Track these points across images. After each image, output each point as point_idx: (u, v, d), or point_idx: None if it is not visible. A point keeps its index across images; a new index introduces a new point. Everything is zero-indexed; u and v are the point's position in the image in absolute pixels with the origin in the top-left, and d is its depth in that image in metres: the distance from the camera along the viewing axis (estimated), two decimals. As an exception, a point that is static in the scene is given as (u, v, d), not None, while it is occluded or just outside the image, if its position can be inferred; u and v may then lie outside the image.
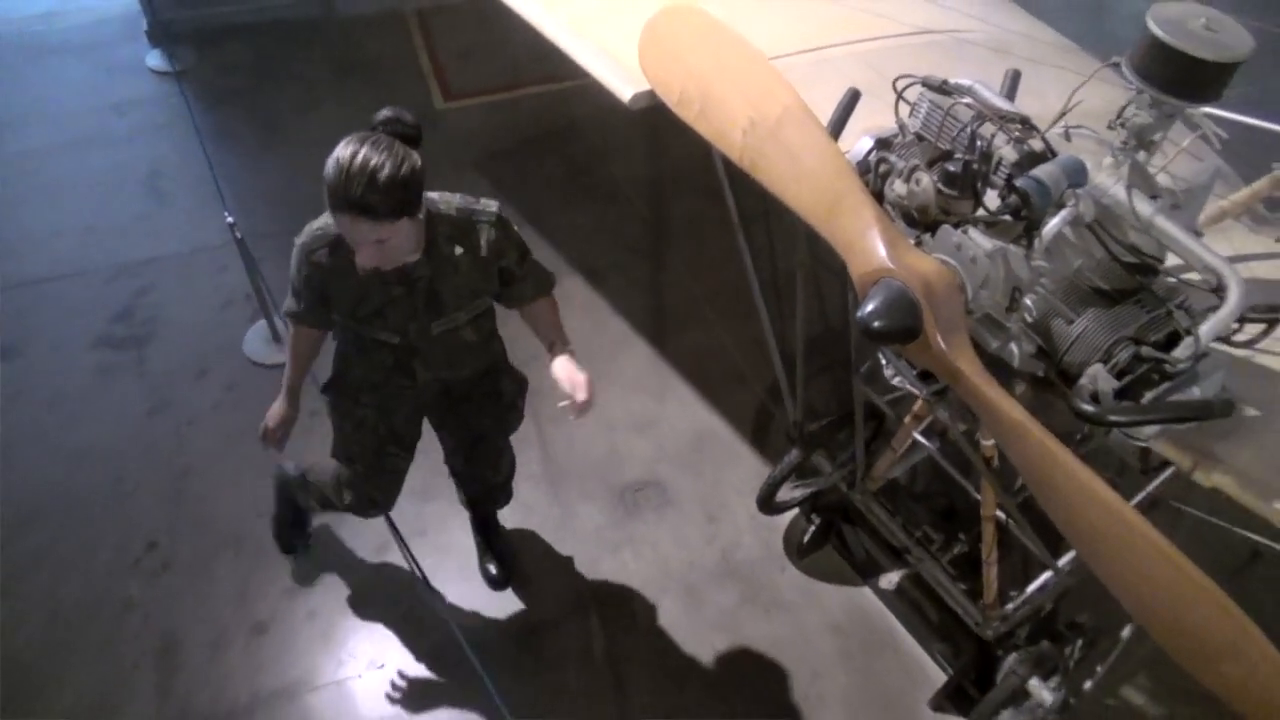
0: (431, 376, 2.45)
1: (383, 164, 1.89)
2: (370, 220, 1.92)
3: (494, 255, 2.26)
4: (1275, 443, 1.70)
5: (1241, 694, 1.31)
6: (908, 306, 1.47)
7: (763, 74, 1.70)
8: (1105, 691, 3.07)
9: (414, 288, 2.22)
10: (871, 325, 1.48)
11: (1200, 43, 1.42)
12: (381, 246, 2.01)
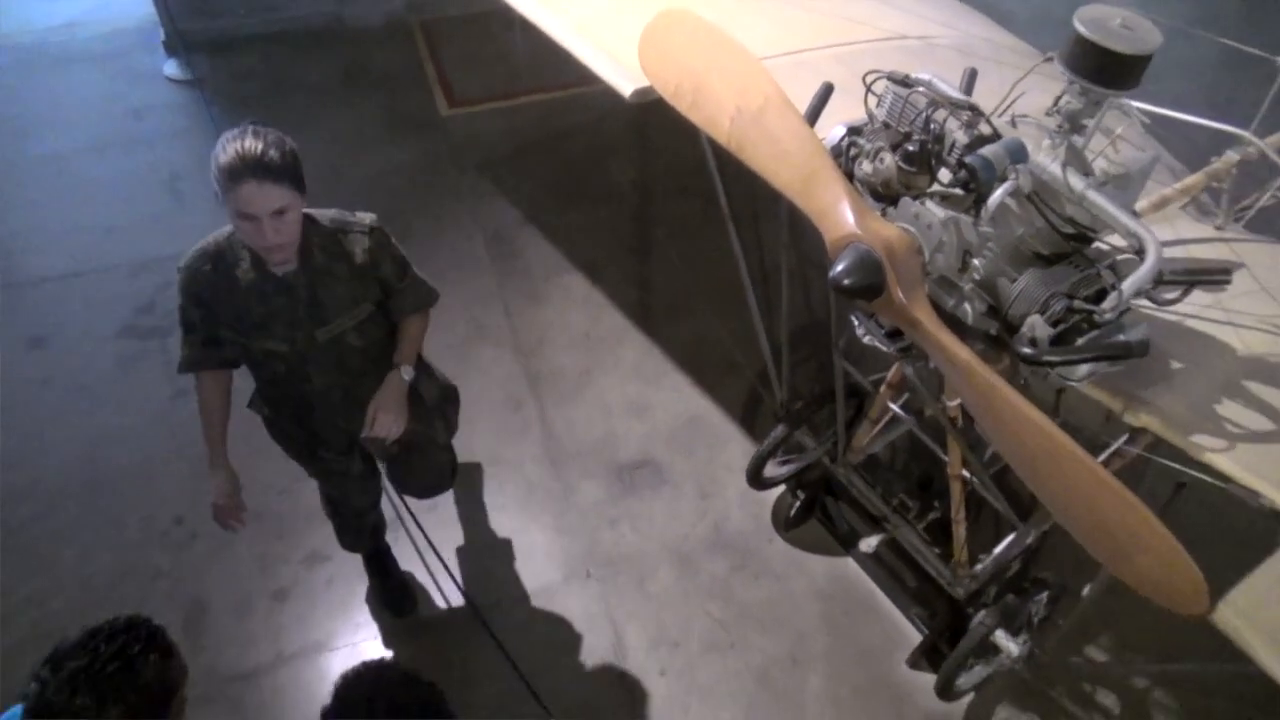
0: (329, 383, 2.47)
1: (275, 136, 2.09)
2: (273, 183, 2.04)
3: (370, 264, 2.34)
4: (1195, 390, 1.94)
5: (1153, 581, 1.54)
6: (873, 266, 1.71)
7: (748, 69, 1.95)
8: (1069, 648, 3.30)
9: (294, 296, 2.29)
10: (842, 282, 1.72)
11: (1117, 38, 1.67)
12: (281, 220, 2.10)
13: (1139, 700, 3.23)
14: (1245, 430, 1.84)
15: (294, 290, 2.29)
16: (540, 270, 4.55)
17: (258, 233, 2.12)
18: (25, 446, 3.74)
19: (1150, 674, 3.28)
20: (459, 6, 5.97)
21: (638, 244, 4.73)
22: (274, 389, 2.56)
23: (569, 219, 4.81)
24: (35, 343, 4.14)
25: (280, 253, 2.20)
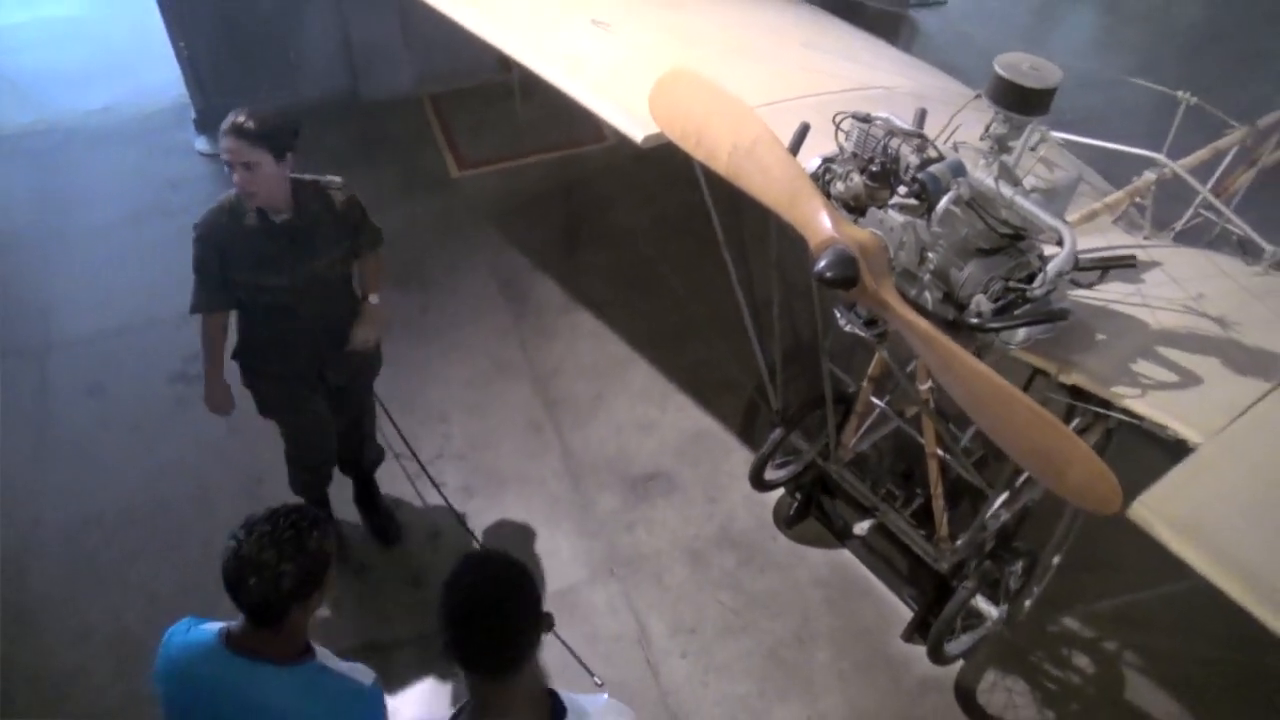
0: (313, 314, 3.10)
1: (260, 111, 2.76)
2: (247, 143, 2.70)
3: (345, 210, 3.06)
4: (1116, 355, 2.38)
5: (1080, 490, 1.96)
6: (849, 261, 2.15)
7: (741, 113, 2.42)
8: (1046, 618, 3.69)
9: (291, 238, 2.94)
10: (825, 274, 2.16)
11: (1027, 77, 2.15)
12: (250, 172, 2.75)
13: (1109, 661, 3.61)
14: (1155, 381, 2.28)
15: (290, 233, 2.95)
16: (551, 309, 5.00)
17: (242, 181, 2.79)
18: (91, 481, 4.11)
19: (1118, 639, 3.67)
20: (463, 80, 6.52)
21: (639, 281, 5.19)
22: (266, 327, 3.14)
23: (575, 262, 5.28)
24: (93, 391, 4.53)
25: (252, 200, 2.85)
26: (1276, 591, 1.81)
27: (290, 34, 6.04)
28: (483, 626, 1.66)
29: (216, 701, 1.95)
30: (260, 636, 1.93)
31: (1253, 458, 2.10)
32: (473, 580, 1.72)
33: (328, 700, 1.97)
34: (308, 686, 1.97)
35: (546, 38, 3.31)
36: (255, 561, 1.83)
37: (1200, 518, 1.92)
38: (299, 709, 1.95)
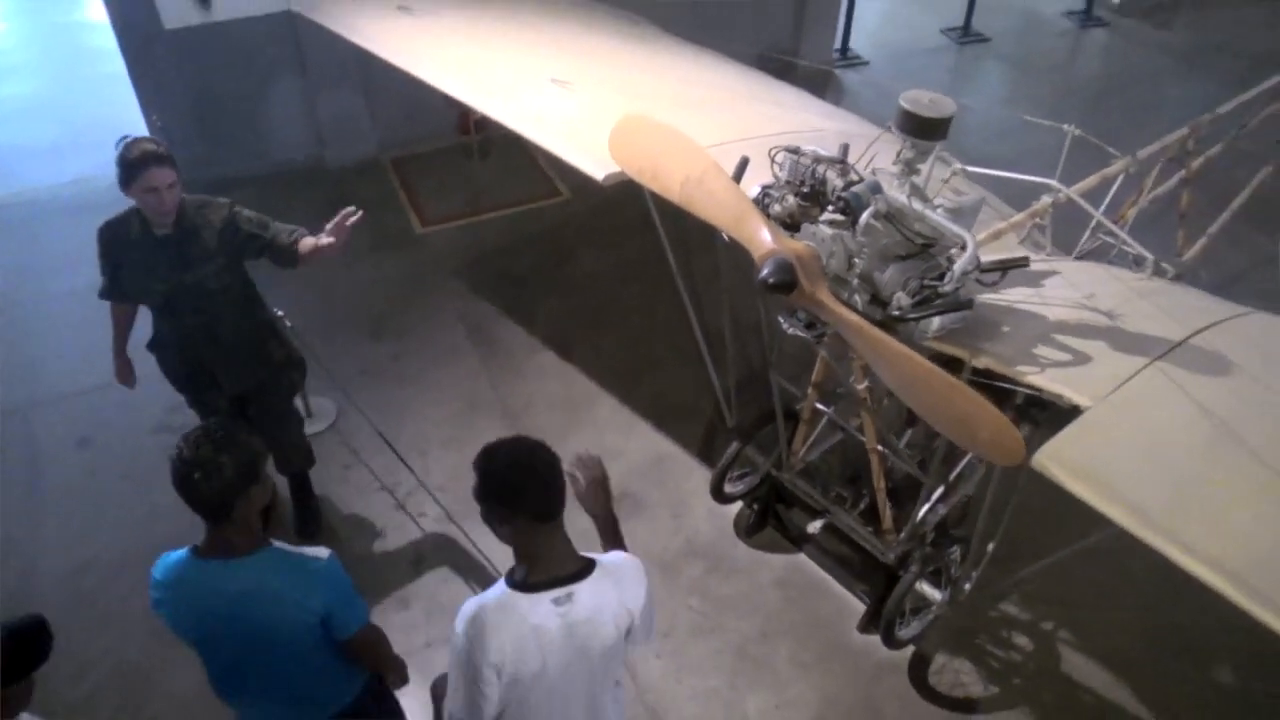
0: (193, 320, 3.51)
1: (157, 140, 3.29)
2: (169, 167, 3.16)
3: (228, 223, 3.41)
4: (1017, 342, 2.78)
5: (990, 446, 2.34)
6: (788, 267, 2.53)
7: (691, 149, 2.81)
8: (986, 605, 4.04)
9: (168, 250, 3.33)
10: (768, 280, 2.53)
11: (926, 109, 2.58)
12: (171, 191, 3.18)
13: (1045, 638, 3.96)
14: (1051, 361, 2.68)
15: (168, 246, 3.35)
16: (519, 351, 5.33)
17: (159, 201, 3.19)
18: (84, 527, 4.29)
19: (1052, 619, 4.03)
20: (423, 144, 6.92)
21: (601, 322, 5.55)
22: (160, 325, 3.63)
23: (539, 308, 5.62)
24: (81, 444, 4.72)
25: (167, 215, 3.27)
26: (1154, 519, 2.18)
27: (259, 107, 6.40)
28: (534, 475, 2.13)
29: (202, 601, 2.33)
30: (219, 537, 2.30)
31: (1132, 416, 2.49)
32: (514, 448, 2.17)
33: (289, 574, 2.34)
34: (269, 566, 2.33)
35: (514, 97, 3.71)
36: (197, 459, 2.19)
37: (1090, 464, 2.30)
38: (267, 586, 2.31)
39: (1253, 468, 2.34)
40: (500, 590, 2.16)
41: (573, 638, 2.16)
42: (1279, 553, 2.15)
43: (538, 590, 2.14)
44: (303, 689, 2.53)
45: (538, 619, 2.12)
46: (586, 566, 2.21)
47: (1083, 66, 8.95)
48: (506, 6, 4.94)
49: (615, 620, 2.21)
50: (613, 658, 2.28)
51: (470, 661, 2.11)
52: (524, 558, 2.18)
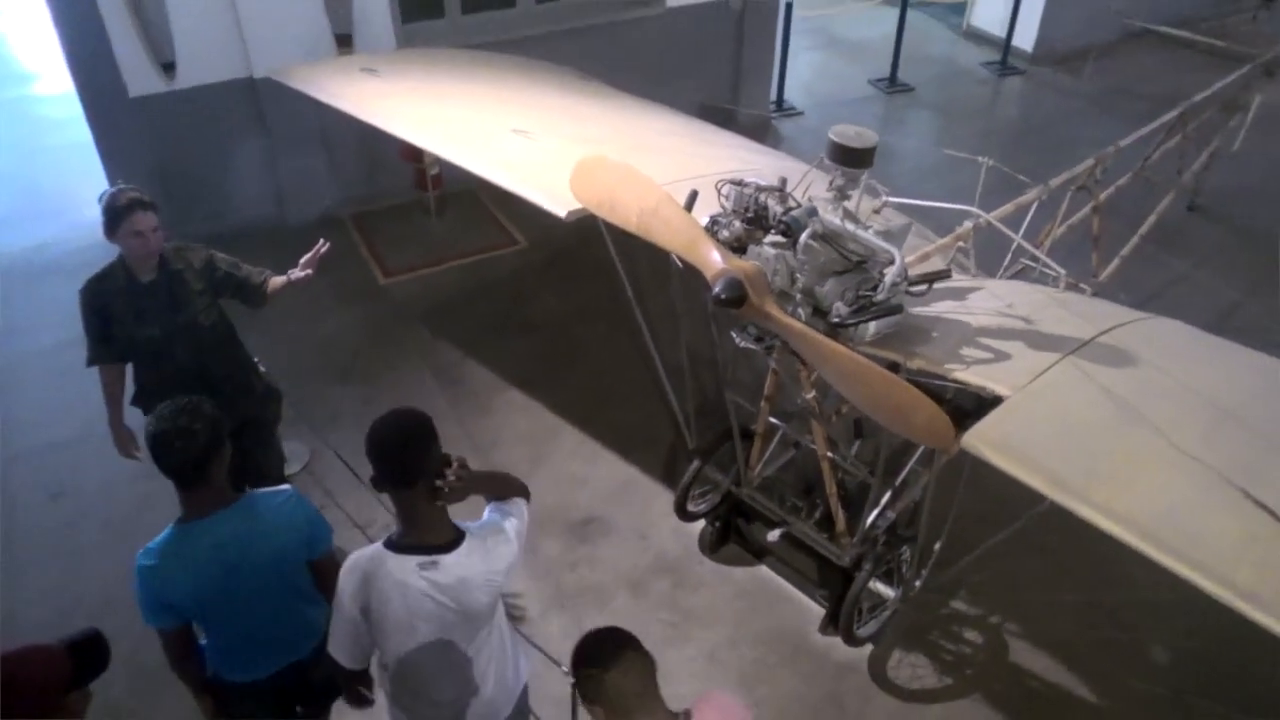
0: (187, 359, 3.65)
1: (139, 188, 3.46)
2: (153, 212, 3.38)
3: (206, 268, 3.66)
4: (945, 345, 3.10)
5: (924, 432, 2.63)
6: (737, 284, 2.82)
7: (645, 184, 3.10)
8: (938, 604, 4.31)
9: (156, 294, 3.54)
10: (720, 296, 2.82)
11: (852, 140, 2.92)
12: (156, 235, 3.40)
13: (994, 632, 4.24)
14: (975, 359, 3.00)
15: (156, 291, 3.56)
16: (484, 390, 5.55)
17: (144, 244, 3.41)
18: (64, 576, 4.38)
19: (999, 613, 4.31)
20: (382, 201, 7.17)
21: (562, 361, 5.80)
22: (150, 374, 3.73)
23: (502, 349, 5.86)
24: (57, 496, 4.81)
25: (152, 258, 3.48)
26: (1069, 485, 2.48)
27: (222, 169, 6.61)
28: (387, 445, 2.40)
29: (199, 560, 2.59)
30: (196, 499, 2.58)
31: (1047, 402, 2.81)
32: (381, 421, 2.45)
33: (267, 513, 2.69)
34: (248, 512, 2.65)
35: (478, 146, 3.99)
36: (172, 430, 2.47)
37: (1011, 442, 2.60)
38: (251, 529, 2.64)
39: (1154, 440, 2.66)
40: (377, 546, 2.49)
41: (440, 599, 2.44)
42: (1177, 509, 2.45)
43: (406, 552, 2.44)
44: (292, 619, 2.84)
45: (403, 576, 2.42)
46: (456, 539, 2.49)
47: (1001, 111, 9.56)
48: (464, 69, 5.27)
49: (484, 586, 2.51)
50: (485, 615, 2.58)
51: (342, 603, 2.47)
52: (401, 521, 2.48)
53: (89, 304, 3.59)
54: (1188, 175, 6.41)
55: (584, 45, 7.08)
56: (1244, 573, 2.24)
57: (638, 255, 4.48)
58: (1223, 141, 6.94)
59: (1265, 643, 4.02)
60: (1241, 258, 6.98)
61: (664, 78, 7.29)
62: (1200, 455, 2.60)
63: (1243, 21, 11.19)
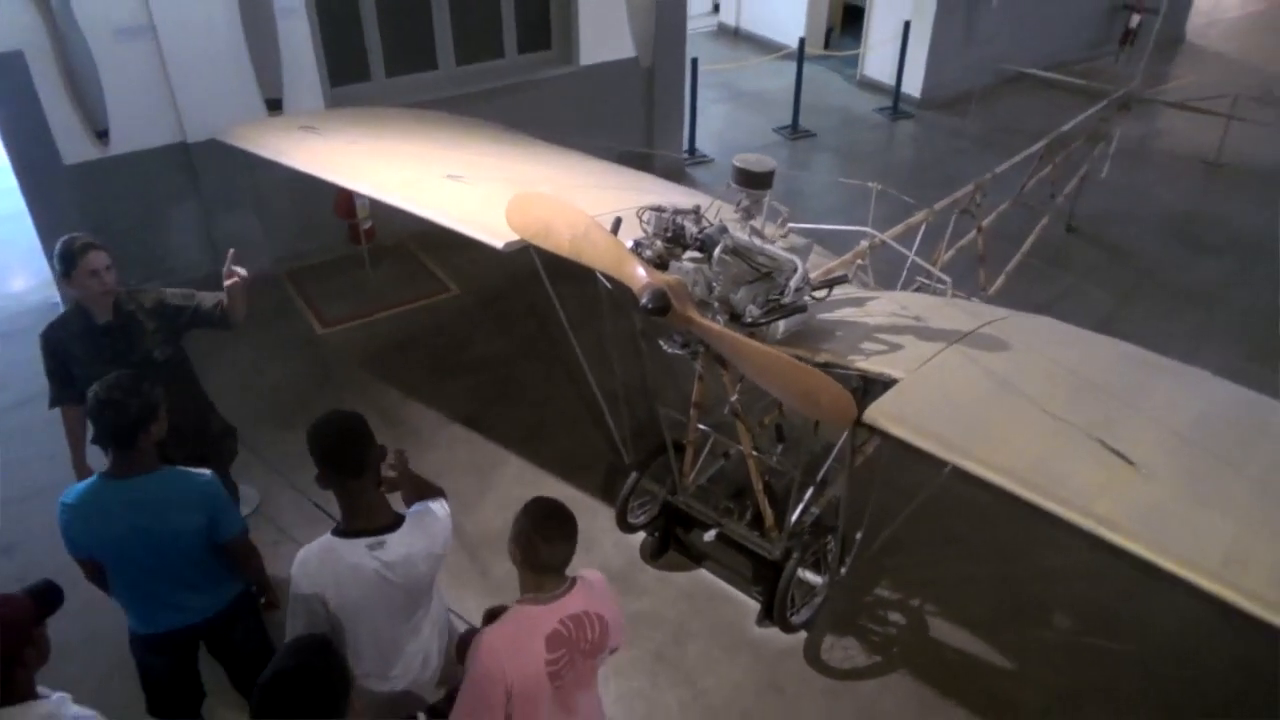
0: None
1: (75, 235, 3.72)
2: (106, 252, 3.63)
3: (158, 303, 3.88)
4: (847, 341, 3.52)
5: (830, 411, 3.01)
6: (661, 294, 3.19)
7: (574, 212, 3.48)
8: (864, 592, 4.68)
9: (112, 335, 3.76)
10: (647, 306, 3.19)
11: (754, 165, 3.35)
12: (110, 273, 3.63)
13: (915, 613, 4.62)
14: (874, 351, 3.42)
15: (111, 331, 3.78)
16: (426, 428, 5.79)
17: (100, 282, 3.64)
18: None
19: (919, 596, 4.70)
20: (316, 257, 7.41)
21: (501, 397, 6.08)
22: None
23: (441, 390, 6.12)
24: (5, 551, 4.87)
25: (108, 296, 3.70)
26: (954, 445, 2.88)
27: (156, 231, 6.78)
28: (326, 438, 2.73)
29: (110, 513, 2.94)
30: (123, 460, 2.94)
31: (935, 381, 3.23)
32: (321, 418, 2.79)
33: (180, 486, 3.04)
34: (165, 482, 3.01)
35: (417, 191, 4.33)
36: (110, 400, 2.88)
37: (904, 414, 3.01)
38: (164, 495, 2.99)
39: (1026, 406, 3.10)
40: (325, 538, 2.76)
41: (388, 576, 2.73)
42: (1046, 459, 2.87)
43: (354, 537, 2.72)
44: (186, 588, 3.15)
45: (354, 559, 2.70)
46: (397, 521, 2.80)
47: (896, 152, 10.29)
48: (397, 124, 5.62)
49: (426, 561, 2.82)
50: (425, 590, 2.91)
51: (300, 595, 2.70)
52: (344, 510, 2.77)
53: (49, 348, 3.80)
54: (1060, 199, 7.08)
55: (505, 104, 7.50)
56: (1101, 504, 2.66)
57: (567, 295, 4.84)
58: (1091, 168, 7.68)
59: (1159, 595, 4.50)
60: (1114, 272, 7.70)
61: (583, 131, 7.74)
62: (1065, 416, 3.05)
63: (1107, 65, 12.29)
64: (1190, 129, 10.44)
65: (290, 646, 2.32)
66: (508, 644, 2.55)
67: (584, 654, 2.67)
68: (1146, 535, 2.56)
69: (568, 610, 2.63)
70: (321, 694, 2.19)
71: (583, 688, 2.78)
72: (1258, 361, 6.36)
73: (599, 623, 2.69)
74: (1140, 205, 8.93)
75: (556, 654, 2.58)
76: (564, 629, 2.60)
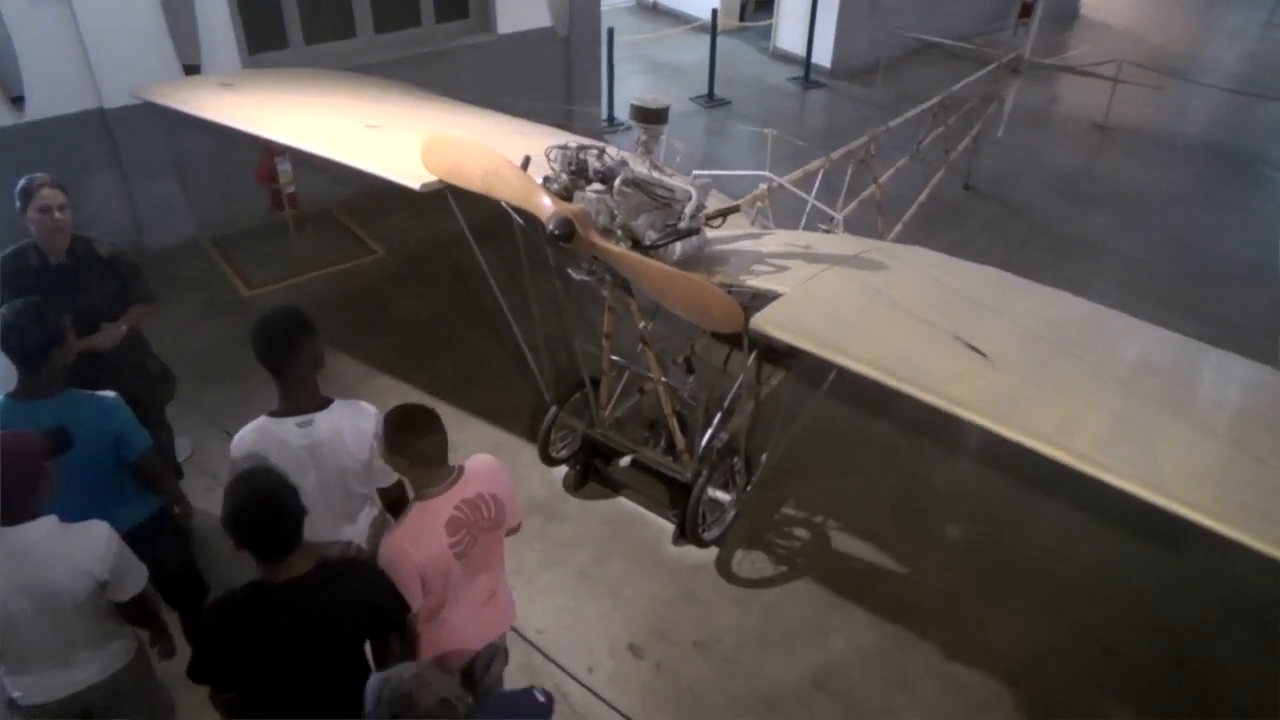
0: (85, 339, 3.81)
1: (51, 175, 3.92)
2: (60, 190, 3.83)
3: (111, 259, 4.05)
4: (740, 264, 3.83)
5: (720, 319, 3.33)
6: (567, 221, 3.46)
7: (485, 151, 3.73)
8: (770, 512, 5.03)
9: (63, 277, 3.89)
10: (554, 232, 3.46)
11: (649, 103, 3.63)
12: (63, 213, 3.81)
13: (818, 529, 5.00)
14: (764, 272, 3.74)
15: (64, 273, 3.93)
16: (353, 380, 5.97)
17: (50, 220, 3.80)
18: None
19: (821, 513, 5.08)
20: (241, 224, 7.49)
21: (425, 352, 6.29)
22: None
23: (368, 346, 6.30)
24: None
25: (59, 236, 3.85)
26: (830, 343, 3.21)
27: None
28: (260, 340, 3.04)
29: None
30: (29, 382, 3.15)
31: (815, 293, 3.56)
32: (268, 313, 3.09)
33: (87, 406, 3.22)
34: (71, 403, 3.19)
35: (336, 140, 4.51)
36: (15, 324, 3.09)
37: (788, 320, 3.33)
38: (70, 415, 3.14)
39: (897, 312, 3.45)
40: (260, 419, 3.07)
41: (317, 454, 3.03)
42: (912, 354, 3.20)
43: (285, 416, 3.04)
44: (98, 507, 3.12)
45: (284, 436, 3.00)
46: (326, 402, 3.12)
47: (810, 119, 10.70)
48: (313, 83, 5.76)
49: (355, 443, 3.09)
50: (355, 474, 3.15)
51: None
52: (281, 397, 3.08)
53: (5, 274, 3.90)
54: (954, 155, 7.53)
55: (423, 71, 7.65)
56: (956, 389, 3.01)
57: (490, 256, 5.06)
58: (985, 128, 8.17)
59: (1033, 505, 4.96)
60: (1008, 225, 8.22)
61: (500, 100, 7.91)
62: (931, 319, 3.41)
63: (1006, 38, 12.87)
64: (1082, 96, 11.08)
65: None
66: (411, 537, 2.80)
67: (484, 529, 2.94)
68: (991, 411, 2.92)
69: (462, 495, 2.89)
70: (287, 495, 2.52)
71: (489, 560, 3.06)
72: (1135, 298, 6.89)
73: (493, 501, 2.97)
74: (1034, 165, 9.49)
75: (457, 536, 2.85)
76: (460, 513, 2.86)
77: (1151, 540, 4.95)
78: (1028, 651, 4.37)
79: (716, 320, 3.39)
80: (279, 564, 2.55)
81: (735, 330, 3.36)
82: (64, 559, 2.71)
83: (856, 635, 4.42)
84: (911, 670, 4.27)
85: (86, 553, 2.76)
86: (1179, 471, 2.78)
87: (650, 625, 4.44)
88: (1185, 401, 3.27)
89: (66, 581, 2.72)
